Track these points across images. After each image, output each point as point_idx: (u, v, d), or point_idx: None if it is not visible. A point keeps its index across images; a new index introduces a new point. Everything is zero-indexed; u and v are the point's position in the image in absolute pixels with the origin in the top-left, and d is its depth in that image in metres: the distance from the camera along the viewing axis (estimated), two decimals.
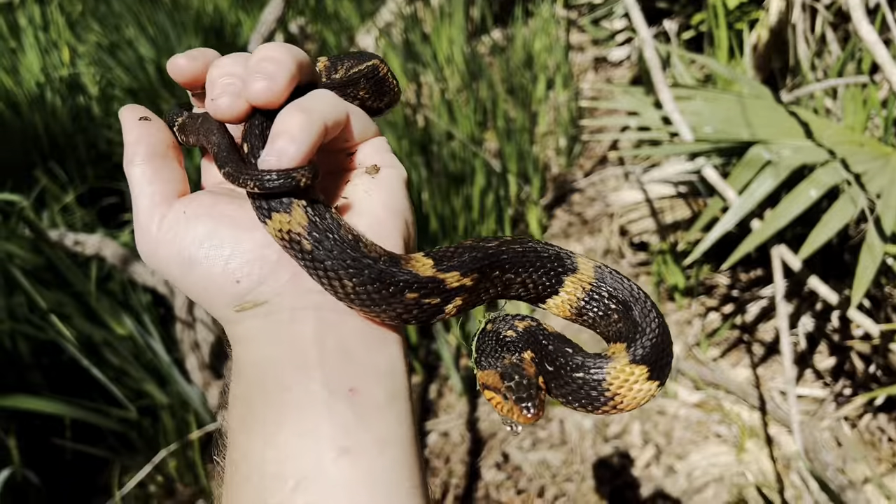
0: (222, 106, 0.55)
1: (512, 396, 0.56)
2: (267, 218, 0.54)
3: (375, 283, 0.53)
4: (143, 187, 0.56)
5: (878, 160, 2.02)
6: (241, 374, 0.53)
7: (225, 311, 0.54)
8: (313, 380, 0.49)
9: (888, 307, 2.41)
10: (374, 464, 0.47)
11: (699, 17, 4.02)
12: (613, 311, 0.61)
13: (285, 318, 0.52)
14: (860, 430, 2.22)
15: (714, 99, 2.28)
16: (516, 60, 4.51)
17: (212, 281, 0.53)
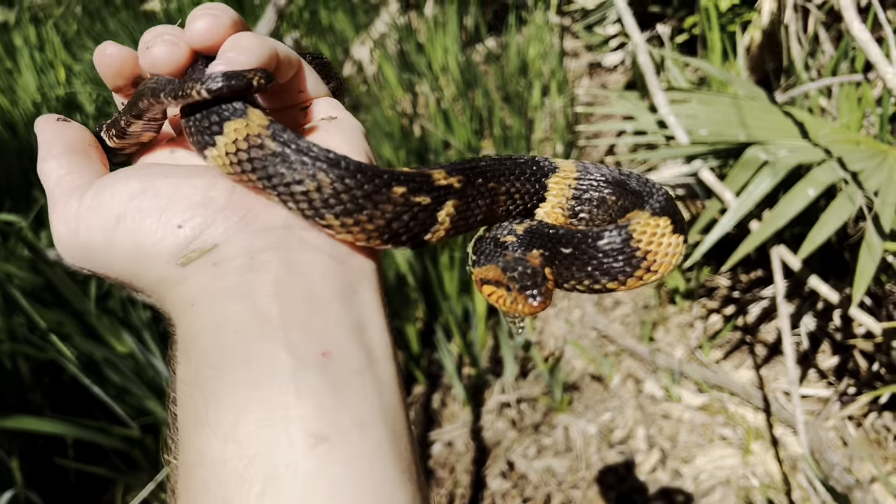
0: (159, 54, 0.47)
1: (516, 286, 0.51)
2: (217, 133, 0.46)
3: (357, 174, 0.45)
4: (61, 177, 0.48)
5: (875, 158, 2.02)
6: (188, 351, 0.43)
7: (165, 270, 0.44)
8: (277, 345, 0.40)
9: (890, 305, 2.40)
10: (353, 450, 0.39)
11: (692, 20, 4.03)
12: (609, 195, 0.56)
13: (240, 264, 0.43)
14: (865, 428, 2.21)
15: (709, 101, 2.28)
16: (511, 68, 4.52)
17: (145, 235, 0.44)
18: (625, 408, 2.44)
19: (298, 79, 0.54)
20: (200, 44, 0.48)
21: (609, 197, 0.56)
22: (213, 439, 0.39)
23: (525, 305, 0.51)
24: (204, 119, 0.47)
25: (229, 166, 0.46)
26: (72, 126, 0.53)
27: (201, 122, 0.47)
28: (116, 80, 0.53)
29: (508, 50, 4.71)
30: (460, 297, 2.68)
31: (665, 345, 2.65)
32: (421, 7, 5.56)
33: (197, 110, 0.47)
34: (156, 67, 0.48)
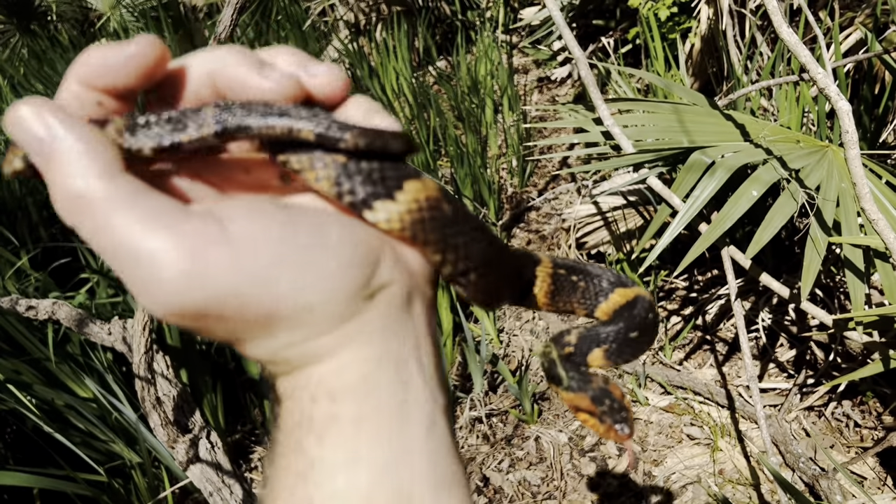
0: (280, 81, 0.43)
1: (608, 420, 0.61)
2: (398, 189, 0.45)
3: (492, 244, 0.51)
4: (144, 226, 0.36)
5: (815, 154, 2.09)
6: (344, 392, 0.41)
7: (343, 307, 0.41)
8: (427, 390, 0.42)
9: (841, 295, 2.48)
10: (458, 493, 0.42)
11: (635, 31, 4.13)
12: (578, 281, 0.65)
13: (399, 302, 0.43)
14: (827, 417, 2.27)
15: (654, 110, 2.34)
16: (463, 87, 4.57)
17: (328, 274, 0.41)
18: None
19: None
20: (317, 93, 0.45)
21: (581, 282, 0.64)
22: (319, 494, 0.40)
23: (617, 437, 0.61)
24: (380, 172, 0.45)
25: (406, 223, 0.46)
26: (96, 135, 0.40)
27: (375, 174, 0.45)
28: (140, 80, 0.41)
29: (459, 70, 4.77)
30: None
31: None
32: (371, 32, 5.61)
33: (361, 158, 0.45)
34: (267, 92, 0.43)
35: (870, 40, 2.69)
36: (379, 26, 5.66)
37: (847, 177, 1.95)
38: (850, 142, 1.49)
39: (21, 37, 6.57)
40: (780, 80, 2.19)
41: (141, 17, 6.28)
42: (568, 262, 0.66)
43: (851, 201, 1.91)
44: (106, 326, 2.09)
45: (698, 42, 3.70)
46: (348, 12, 5.88)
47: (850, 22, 3.32)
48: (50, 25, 6.85)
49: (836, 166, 2.02)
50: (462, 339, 2.69)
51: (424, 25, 5.46)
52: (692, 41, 3.73)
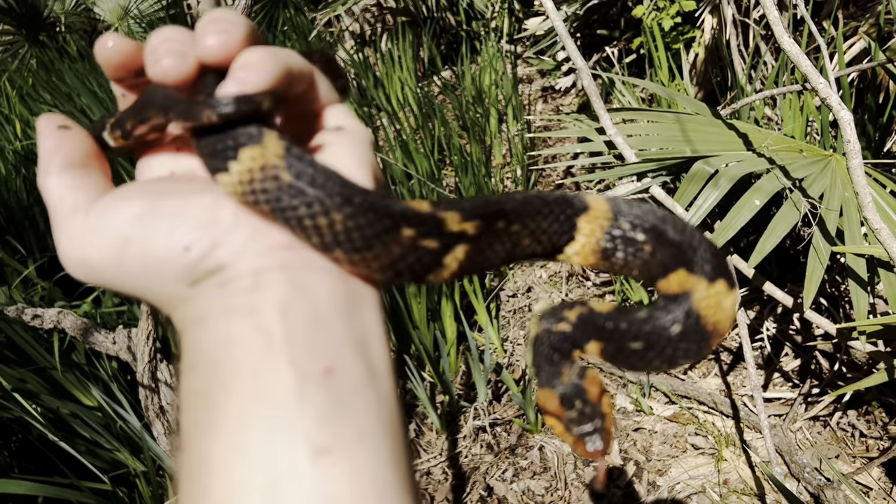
0: (167, 66, 0.46)
1: (574, 429, 0.50)
2: (231, 159, 0.44)
3: (368, 213, 0.44)
4: (62, 196, 0.47)
5: (818, 164, 2.09)
6: (196, 363, 0.44)
7: (172, 289, 0.45)
8: (281, 362, 0.41)
9: (846, 305, 2.47)
10: (355, 461, 0.40)
11: (639, 41, 4.14)
12: (644, 243, 0.53)
13: (246, 284, 0.43)
14: (832, 427, 2.26)
15: (657, 119, 2.35)
16: (467, 97, 4.59)
17: (153, 256, 0.45)
18: None
19: (311, 89, 0.53)
20: (211, 60, 0.47)
21: (645, 246, 0.53)
22: (217, 446, 0.40)
23: (585, 453, 0.50)
24: (217, 142, 0.45)
25: (242, 195, 0.45)
26: (72, 135, 0.51)
27: (214, 146, 0.45)
28: (118, 73, 0.51)
29: (464, 80, 4.79)
30: (429, 326, 2.70)
31: None
32: (376, 43, 5.64)
33: (209, 132, 0.45)
34: (165, 80, 0.47)
35: (873, 50, 2.69)
36: (384, 37, 5.69)
37: (850, 186, 1.95)
38: (853, 151, 1.49)
39: (30, 48, 6.63)
40: (783, 89, 2.20)
41: (148, 27, 6.34)
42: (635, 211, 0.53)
43: (855, 211, 1.91)
44: (110, 335, 2.10)
45: (702, 52, 3.70)
46: (354, 23, 5.92)
47: (854, 31, 3.33)
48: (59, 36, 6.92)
49: (840, 176, 2.02)
50: (466, 348, 2.69)
51: (429, 36, 5.49)
52: (696, 51, 3.74)
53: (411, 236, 0.45)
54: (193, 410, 0.43)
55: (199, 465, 0.41)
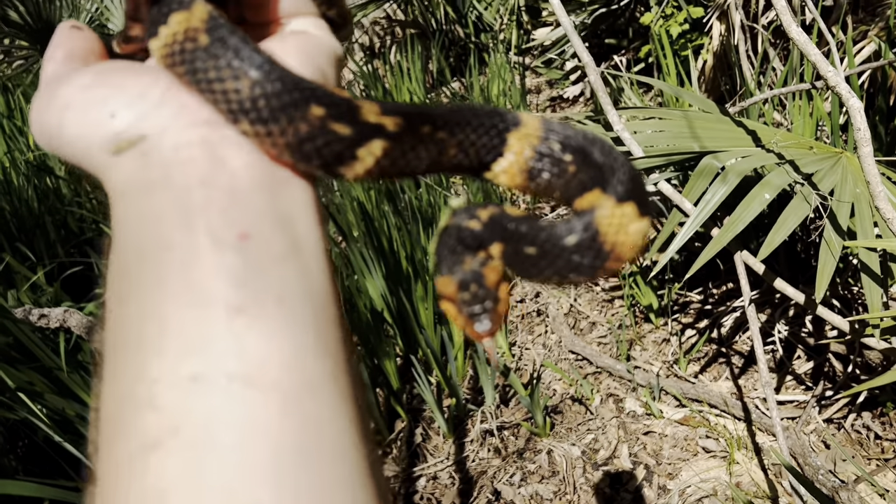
0: None
1: (465, 310, 0.49)
2: (162, 24, 0.45)
3: (276, 82, 0.43)
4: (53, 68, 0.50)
5: (829, 160, 2.07)
6: (117, 237, 0.44)
7: (101, 157, 0.46)
8: (197, 230, 0.41)
9: (859, 307, 2.43)
10: (271, 323, 0.39)
11: (647, 49, 4.14)
12: (569, 163, 0.52)
13: (167, 156, 0.44)
14: (847, 429, 2.21)
15: (666, 116, 2.33)
16: None
17: (87, 123, 0.46)
18: (607, 427, 2.43)
19: None
20: None
21: (569, 166, 0.52)
22: (134, 315, 0.40)
23: (473, 333, 0.50)
24: (157, 12, 0.46)
25: (165, 57, 0.46)
26: (81, 35, 0.53)
27: (154, 15, 0.47)
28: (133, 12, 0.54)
29: (472, 90, 4.80)
30: (436, 329, 2.68)
31: (642, 362, 2.65)
32: (385, 55, 5.68)
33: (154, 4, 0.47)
34: None
35: (884, 52, 2.68)
36: (393, 49, 5.73)
37: (862, 181, 1.93)
38: (863, 139, 1.47)
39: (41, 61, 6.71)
40: (792, 87, 2.18)
41: None
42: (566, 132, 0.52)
43: (867, 207, 1.88)
44: None
45: (711, 58, 3.70)
46: (363, 35, 5.96)
47: (864, 35, 3.31)
48: None
49: (851, 171, 2.00)
50: (473, 351, 2.67)
51: (438, 48, 5.51)
52: (704, 57, 3.73)
53: (320, 115, 0.44)
54: (114, 284, 0.43)
55: (118, 336, 0.41)
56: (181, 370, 0.37)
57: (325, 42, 0.52)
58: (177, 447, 0.36)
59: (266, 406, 0.37)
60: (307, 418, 0.38)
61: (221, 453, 0.36)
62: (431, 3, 6.06)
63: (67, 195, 4.44)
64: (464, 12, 5.96)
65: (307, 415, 0.38)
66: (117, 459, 0.37)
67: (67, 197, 4.41)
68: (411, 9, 5.95)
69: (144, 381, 0.38)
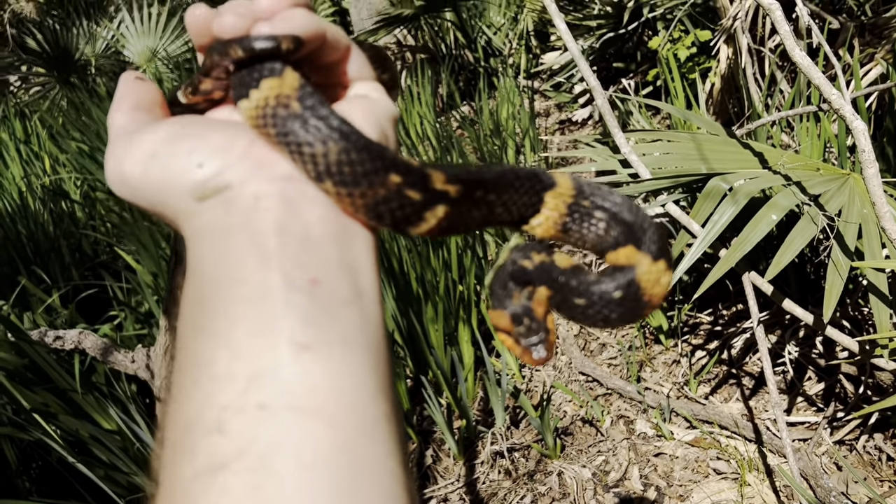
0: (227, 22, 0.52)
1: (523, 341, 0.57)
2: (254, 87, 0.50)
3: (362, 152, 0.48)
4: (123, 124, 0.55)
5: (836, 181, 2.08)
6: (195, 272, 0.48)
7: (184, 203, 0.50)
8: (271, 271, 0.44)
9: (869, 328, 2.43)
10: (336, 362, 0.42)
11: (654, 72, 4.18)
12: (600, 220, 0.59)
13: (247, 205, 0.48)
14: (859, 451, 2.20)
15: (673, 139, 2.36)
16: (485, 130, 4.64)
17: (171, 170, 0.50)
18: (618, 449, 2.43)
19: (343, 62, 0.58)
20: (263, 16, 0.52)
21: (600, 223, 0.59)
22: (207, 343, 0.43)
23: (531, 360, 0.57)
24: (246, 74, 0.51)
25: (255, 118, 0.50)
26: (145, 85, 0.58)
27: (244, 78, 0.51)
28: (200, 39, 0.58)
29: (482, 114, 4.85)
30: (446, 350, 2.69)
31: (653, 383, 2.65)
32: None
33: (243, 66, 0.52)
34: (223, 33, 0.53)
35: (891, 74, 2.70)
36: (404, 73, 5.80)
37: (869, 202, 1.94)
38: (867, 161, 1.49)
39: (61, 89, 6.84)
40: (799, 110, 2.20)
41: (175, 69, 6.51)
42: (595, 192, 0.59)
43: (874, 227, 1.89)
44: (130, 354, 2.12)
45: (718, 81, 3.73)
46: None
47: (871, 58, 3.34)
48: (89, 78, 7.13)
49: (858, 193, 2.01)
50: (483, 372, 2.68)
51: (448, 72, 5.58)
52: (712, 80, 3.76)
53: (398, 182, 0.49)
54: (189, 313, 0.47)
55: (190, 361, 0.44)
56: (250, 398, 0.40)
57: (384, 105, 0.58)
58: (241, 469, 0.39)
59: (326, 440, 0.40)
60: (363, 456, 0.41)
61: (282, 479, 0.39)
62: (441, 28, 6.15)
63: (82, 219, 4.51)
64: (473, 37, 6.03)
65: (363, 453, 0.41)
66: (182, 479, 0.41)
67: (82, 221, 4.48)
68: (421, 34, 6.03)
69: (214, 406, 0.41)
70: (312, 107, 0.49)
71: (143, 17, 7.36)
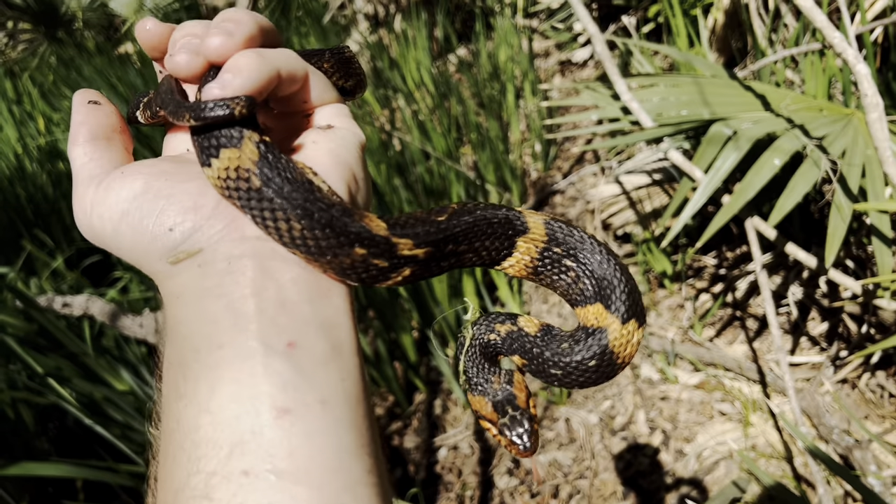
0: (180, 62, 0.53)
1: (507, 433, 0.58)
2: (214, 157, 0.50)
3: (325, 229, 0.49)
4: (85, 163, 0.55)
5: (839, 122, 2.05)
6: (174, 334, 0.49)
7: (158, 265, 0.50)
8: (249, 335, 0.45)
9: (873, 267, 2.43)
10: (315, 423, 0.44)
11: (655, 9, 4.08)
12: (569, 269, 0.60)
13: (221, 268, 0.48)
14: (861, 389, 2.23)
15: (675, 83, 2.31)
16: (484, 74, 4.56)
17: (143, 233, 0.50)
18: (623, 394, 2.46)
19: (303, 90, 0.58)
20: (214, 60, 0.53)
21: (570, 272, 0.60)
22: (190, 409, 0.45)
23: (517, 452, 0.58)
24: (205, 140, 0.51)
25: (220, 188, 0.51)
26: (101, 110, 0.58)
27: (202, 142, 0.51)
28: (154, 53, 0.59)
29: (479, 57, 4.76)
30: (451, 302, 2.70)
31: (657, 328, 2.68)
32: (390, 23, 5.62)
33: (200, 131, 0.52)
34: (178, 75, 0.54)
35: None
36: (398, 17, 5.67)
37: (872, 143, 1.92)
38: (871, 105, 1.46)
39: (49, 45, 6.71)
40: (802, 48, 2.15)
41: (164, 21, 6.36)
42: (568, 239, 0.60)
43: (878, 168, 1.87)
44: (138, 319, 2.14)
45: (721, 16, 3.64)
46: (367, 5, 5.90)
47: None
48: (76, 33, 6.99)
49: (862, 133, 1.98)
50: None
51: (443, 14, 5.45)
52: (714, 16, 3.67)
53: (363, 254, 0.51)
54: (171, 378, 0.48)
55: (174, 426, 0.46)
56: (234, 465, 0.42)
57: (349, 136, 0.58)
58: None
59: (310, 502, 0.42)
60: None
61: None
62: None
63: None
64: None
65: None
66: None
67: None
68: None
69: (201, 472, 0.43)
70: (271, 182, 0.49)
71: None
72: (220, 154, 0.50)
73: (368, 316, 2.82)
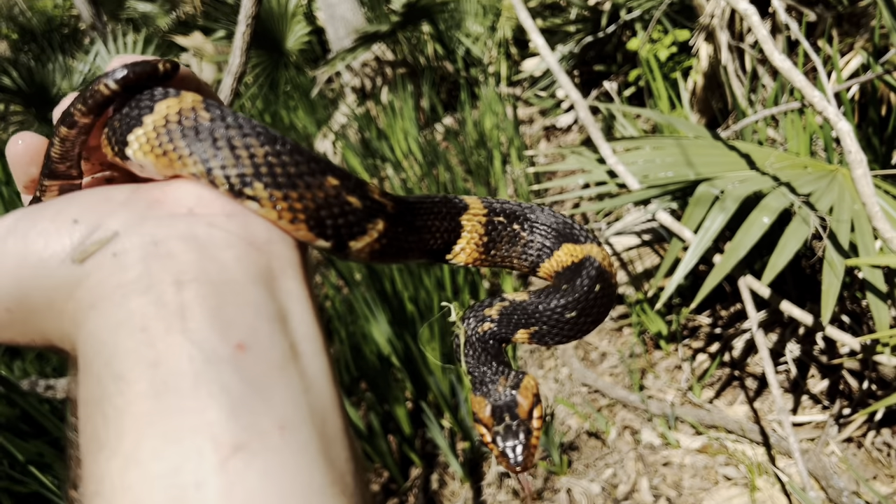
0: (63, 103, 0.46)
1: (500, 443, 0.52)
2: (147, 113, 0.43)
3: (294, 154, 0.42)
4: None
5: (824, 178, 2.06)
6: (91, 363, 0.36)
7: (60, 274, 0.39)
8: (183, 343, 0.35)
9: (869, 321, 2.41)
10: (275, 458, 0.33)
11: (636, 73, 4.17)
12: (519, 231, 0.57)
13: (143, 253, 0.38)
14: (867, 448, 2.18)
15: (660, 145, 2.34)
16: (470, 141, 4.62)
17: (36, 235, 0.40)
18: (625, 461, 2.39)
19: None
20: None
21: (521, 234, 0.58)
22: (113, 463, 0.33)
23: (507, 465, 0.52)
24: (130, 110, 0.44)
25: (154, 140, 0.43)
26: None
27: (129, 113, 0.44)
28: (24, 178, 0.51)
29: (465, 125, 4.83)
30: (445, 372, 2.65)
31: (656, 390, 2.63)
32: (377, 95, 5.72)
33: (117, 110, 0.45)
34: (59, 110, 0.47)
35: (871, 63, 2.69)
36: (384, 89, 5.78)
37: (859, 198, 1.92)
38: (855, 161, 1.47)
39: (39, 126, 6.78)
40: (783, 107, 2.19)
41: None
42: (507, 206, 0.57)
43: (866, 223, 1.87)
44: None
45: (700, 79, 3.72)
46: (354, 78, 6.02)
47: (850, 48, 3.33)
48: None
49: (848, 188, 1.99)
50: None
51: (429, 85, 5.56)
52: (694, 79, 3.75)
53: (336, 185, 0.44)
54: (89, 423, 0.36)
55: (96, 490, 0.34)
56: None
57: None
58: None
59: None
60: None
61: None
62: (420, 41, 6.13)
63: None
64: (452, 48, 6.02)
65: None
66: None
67: None
68: (399, 48, 6.01)
69: None
70: (223, 111, 0.42)
71: (119, 47, 7.32)
72: (156, 107, 0.43)
73: (360, 388, 2.75)
